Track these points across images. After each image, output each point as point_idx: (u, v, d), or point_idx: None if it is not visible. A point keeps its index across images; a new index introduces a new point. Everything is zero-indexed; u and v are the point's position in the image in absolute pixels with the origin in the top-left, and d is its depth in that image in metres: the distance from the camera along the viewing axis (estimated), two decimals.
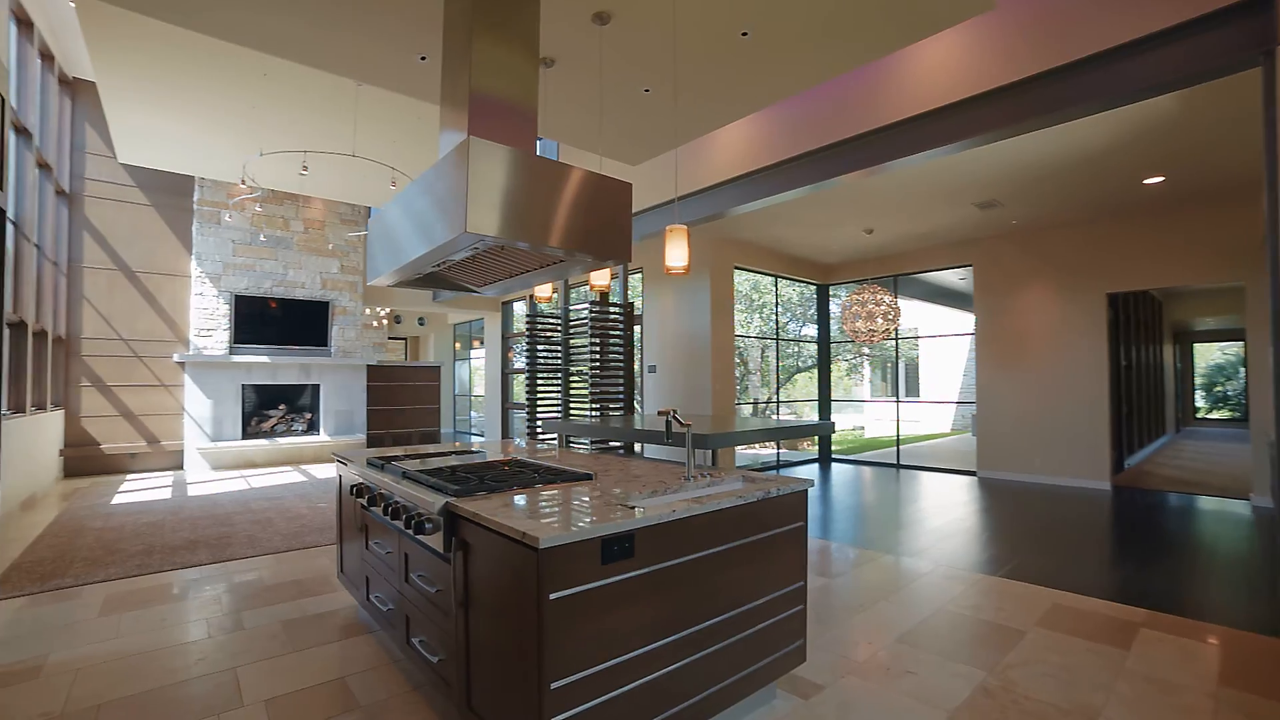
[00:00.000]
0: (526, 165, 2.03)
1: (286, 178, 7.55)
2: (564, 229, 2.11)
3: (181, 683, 2.39)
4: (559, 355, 6.92)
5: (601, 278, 3.42)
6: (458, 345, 15.64)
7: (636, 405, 8.74)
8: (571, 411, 6.63)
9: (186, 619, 3.02)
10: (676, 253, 2.92)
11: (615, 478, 2.31)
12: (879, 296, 6.76)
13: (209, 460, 8.07)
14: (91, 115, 7.73)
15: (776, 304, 9.03)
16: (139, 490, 6.51)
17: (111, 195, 7.92)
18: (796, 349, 11.53)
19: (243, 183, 6.82)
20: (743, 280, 9.43)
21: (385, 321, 12.66)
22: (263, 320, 8.81)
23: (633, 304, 6.45)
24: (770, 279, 8.84)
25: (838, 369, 11.99)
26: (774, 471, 7.95)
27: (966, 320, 10.25)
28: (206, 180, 8.36)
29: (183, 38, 4.62)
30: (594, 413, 6.27)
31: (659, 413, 2.12)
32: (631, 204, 2.28)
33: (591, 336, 6.28)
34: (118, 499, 6.01)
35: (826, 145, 4.44)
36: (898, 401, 9.14)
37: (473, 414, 15.00)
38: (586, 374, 6.35)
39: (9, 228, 5.23)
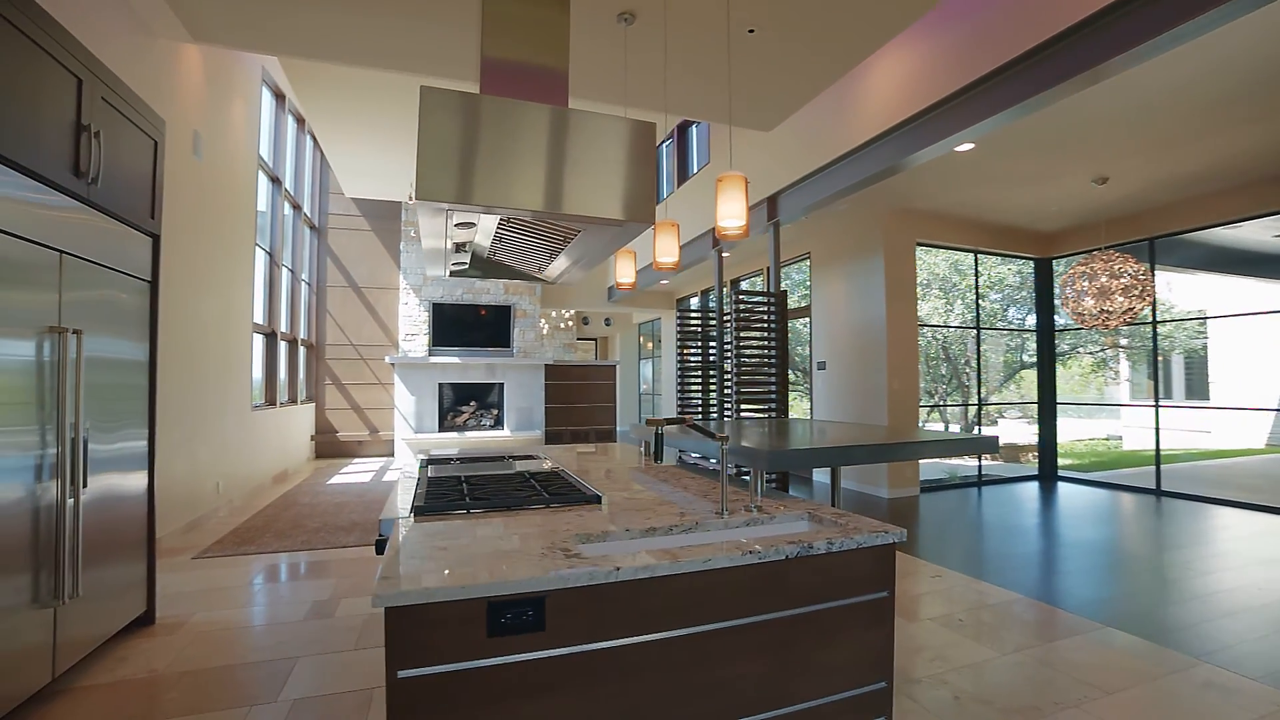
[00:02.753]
0: (490, 111, 1.64)
1: None
2: (545, 186, 1.67)
3: (250, 664, 2.49)
4: (714, 352, 6.46)
5: (667, 254, 2.89)
6: (650, 345, 15.97)
7: (800, 409, 7.85)
8: (724, 413, 6.11)
9: (302, 598, 3.24)
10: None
11: (638, 504, 1.81)
12: (1116, 266, 5.00)
13: (412, 449, 9.21)
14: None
15: (977, 285, 7.38)
16: (352, 474, 7.61)
17: (345, 225, 9.48)
18: (1020, 341, 9.38)
19: (410, 199, 7.58)
20: (940, 260, 7.91)
21: (572, 323, 13.39)
22: (456, 324, 9.81)
23: (784, 292, 5.70)
24: (969, 255, 7.25)
25: (1077, 364, 9.52)
26: (974, 490, 6.45)
27: None
28: (410, 203, 9.57)
29: (368, 79, 5.17)
30: (732, 415, 5.67)
31: (647, 422, 1.57)
32: (653, 149, 1.75)
33: (737, 330, 5.68)
34: (334, 480, 7.08)
35: (1017, 57, 3.29)
36: (1155, 406, 6.83)
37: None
38: (730, 372, 5.77)
39: (263, 256, 6.47)
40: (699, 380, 6.42)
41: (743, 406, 5.64)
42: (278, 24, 3.91)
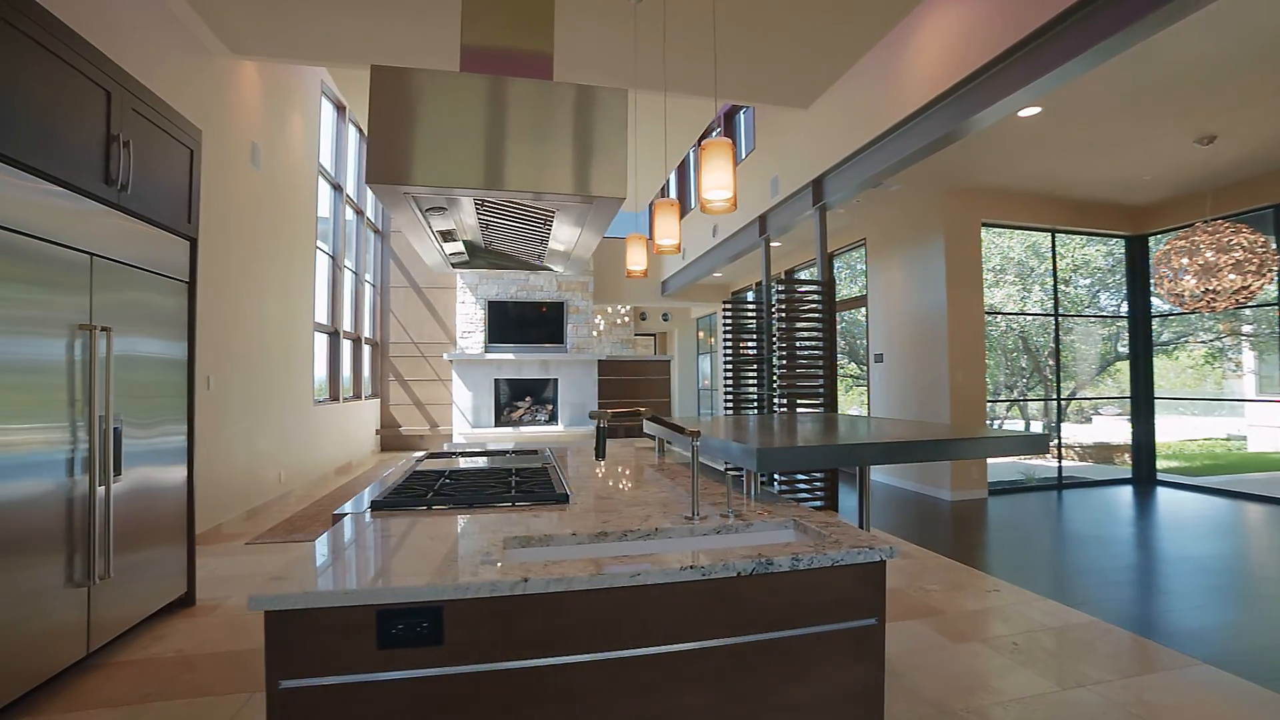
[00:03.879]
0: (429, 88, 1.56)
1: None
2: (485, 163, 1.58)
3: (259, 650, 2.57)
4: (764, 344, 6.21)
5: (667, 236, 2.68)
6: (709, 340, 15.74)
7: (861, 404, 7.43)
8: (773, 408, 5.86)
9: None
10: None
11: (609, 506, 1.69)
12: (1226, 238, 4.32)
13: (470, 444, 9.48)
14: None
15: (1055, 269, 6.69)
16: None
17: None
18: (1116, 330, 8.46)
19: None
20: (1015, 242, 7.25)
21: (628, 319, 13.37)
22: (510, 322, 9.99)
23: (832, 280, 5.38)
24: (1045, 235, 6.59)
25: (1187, 355, 8.51)
26: (1049, 494, 5.83)
27: None
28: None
29: None
30: (781, 408, 5.41)
31: (590, 415, 1.43)
32: (618, 117, 1.62)
33: (783, 322, 5.42)
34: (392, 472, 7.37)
35: None
36: None
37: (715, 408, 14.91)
38: (777, 366, 5.52)
39: (325, 259, 6.83)
40: (747, 374, 6.19)
41: (790, 401, 5.38)
42: (302, 32, 4.04)
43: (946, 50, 3.74)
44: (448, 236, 2.26)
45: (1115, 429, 7.91)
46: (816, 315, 5.38)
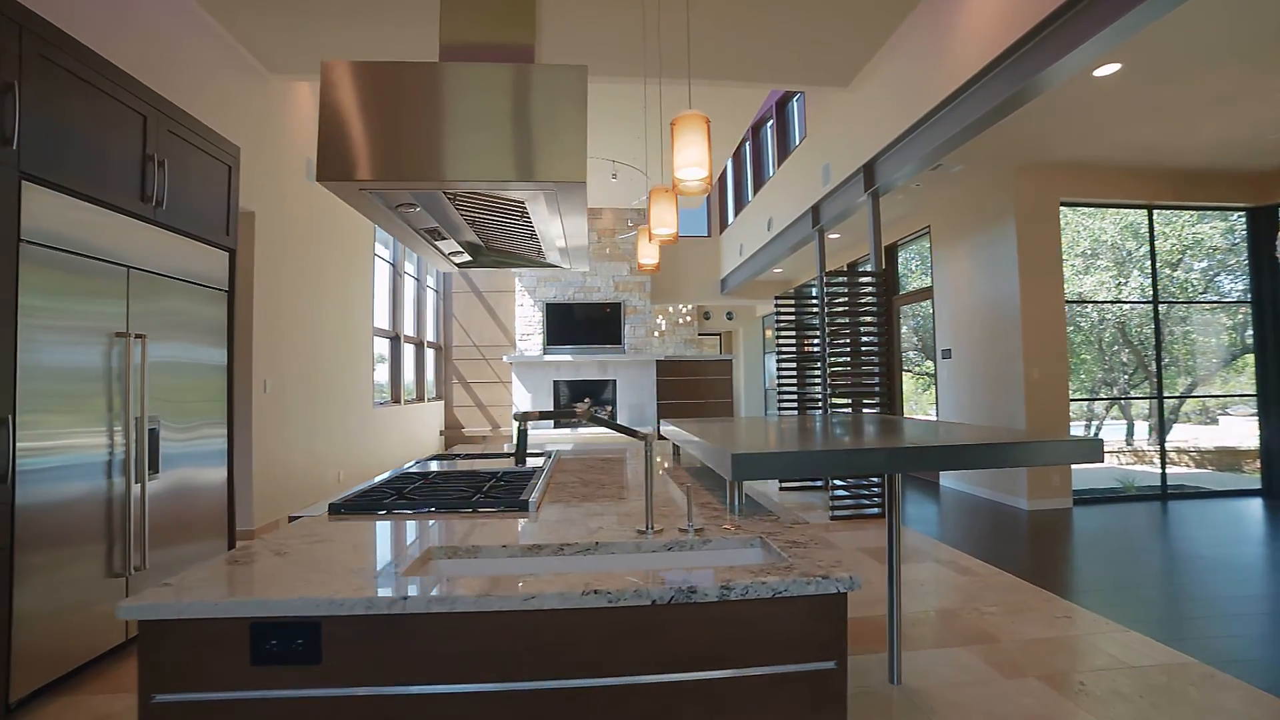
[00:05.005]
0: (371, 79, 1.51)
1: None
2: (426, 153, 1.50)
3: None
4: (815, 343, 5.89)
5: (663, 225, 2.49)
6: (776, 338, 15.29)
7: (931, 404, 6.91)
8: (829, 409, 5.54)
9: None
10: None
11: (569, 516, 1.58)
12: None
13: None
14: None
15: (1153, 250, 5.91)
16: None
17: None
18: (1242, 318, 7.39)
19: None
20: (1108, 223, 6.49)
21: (690, 318, 13.20)
22: (568, 323, 10.08)
23: (887, 270, 5.00)
24: (1142, 212, 5.83)
25: None
26: (1149, 505, 5.11)
27: None
28: None
29: None
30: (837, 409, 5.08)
31: (514, 416, 1.30)
32: (583, 95, 1.52)
33: (835, 317, 5.11)
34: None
35: None
36: None
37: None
38: (829, 364, 5.20)
39: (385, 267, 7.16)
40: (798, 374, 5.89)
41: (844, 401, 5.06)
42: (325, 48, 4.17)
43: (998, 7, 3.35)
44: (436, 235, 2.23)
45: (1242, 431, 6.92)
46: (872, 309, 5.02)
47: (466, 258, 2.63)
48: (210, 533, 3.05)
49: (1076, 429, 6.46)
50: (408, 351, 8.22)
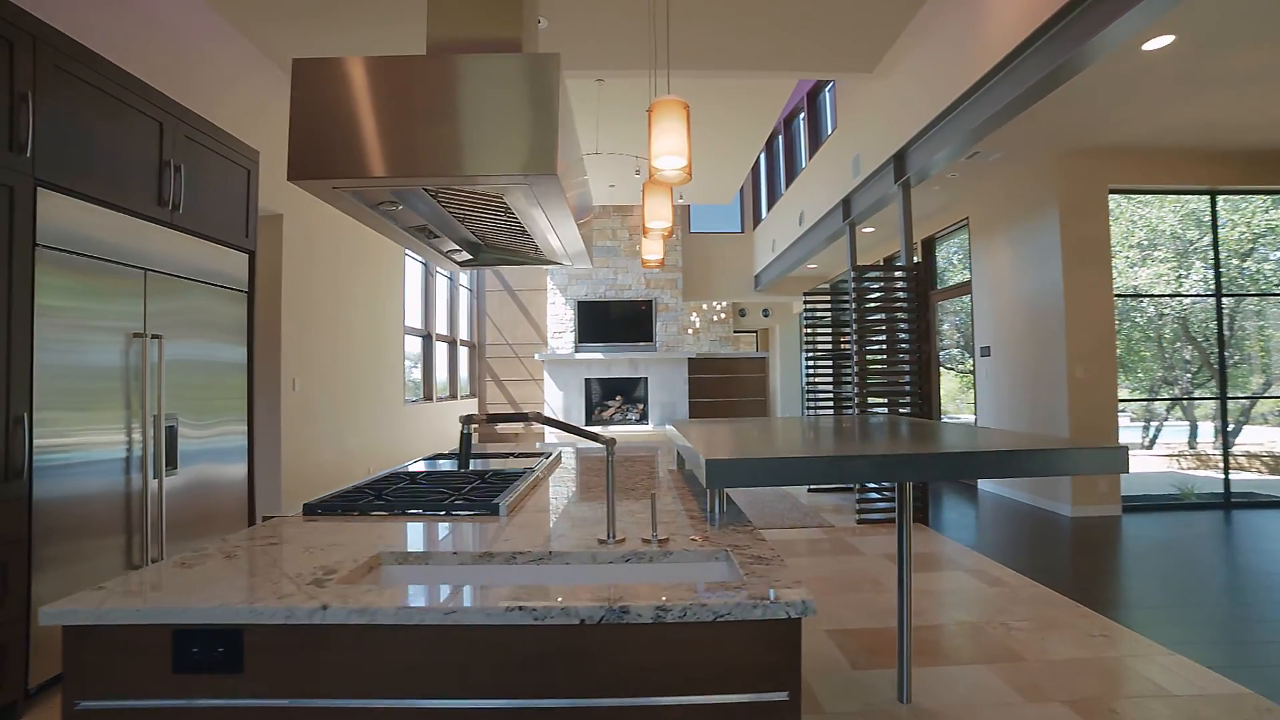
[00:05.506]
0: (332, 76, 1.48)
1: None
2: (389, 147, 1.47)
3: None
4: (846, 341, 5.70)
5: (658, 219, 2.38)
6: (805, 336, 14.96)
7: (967, 405, 6.60)
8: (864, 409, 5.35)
9: None
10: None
11: (536, 522, 1.54)
12: None
13: (560, 441, 9.68)
14: None
15: (1215, 238, 5.46)
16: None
17: None
18: None
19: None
20: (1167, 211, 6.04)
21: (725, 315, 13.03)
22: (599, 321, 10.08)
23: (919, 264, 4.78)
24: (1203, 198, 5.40)
25: None
26: (1216, 514, 4.71)
27: None
28: None
29: None
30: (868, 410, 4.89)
31: (460, 419, 1.23)
32: (552, 84, 1.47)
33: (865, 312, 4.92)
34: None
35: None
36: None
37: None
38: (855, 363, 5.01)
39: (417, 267, 7.31)
40: (829, 373, 5.71)
41: (882, 400, 4.87)
42: (344, 46, 4.22)
43: None
44: (429, 234, 2.21)
45: None
46: (905, 305, 4.80)
47: (467, 256, 2.61)
48: (230, 527, 3.14)
49: (1133, 431, 6.06)
50: (440, 349, 8.36)
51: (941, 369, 7.57)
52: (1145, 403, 6.33)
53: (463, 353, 9.51)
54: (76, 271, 2.33)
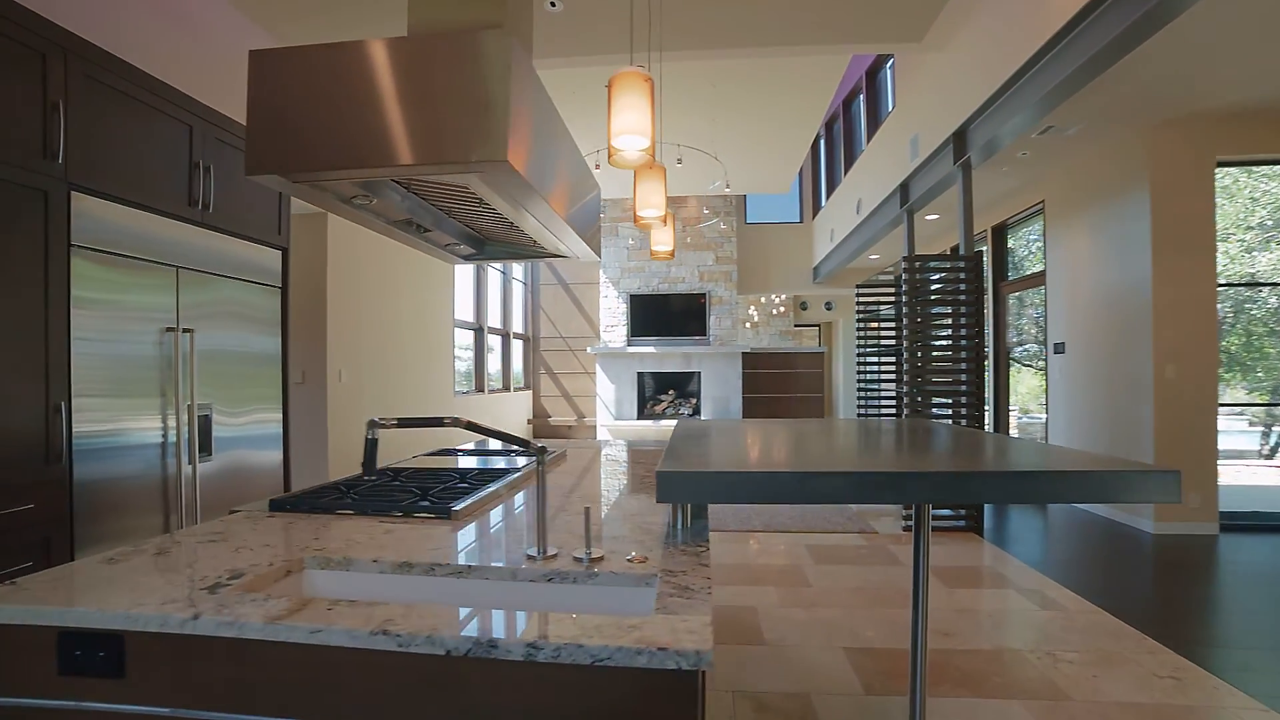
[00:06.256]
0: (283, 66, 1.45)
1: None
2: (362, 135, 1.42)
3: None
4: (904, 334, 5.35)
5: (650, 207, 2.21)
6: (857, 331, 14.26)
7: (1040, 408, 6.03)
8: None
9: None
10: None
11: (485, 528, 1.47)
12: None
13: (611, 435, 9.68)
14: None
15: None
16: None
17: None
18: None
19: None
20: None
21: (784, 309, 12.63)
22: (652, 314, 9.98)
23: (979, 254, 4.38)
24: None
25: None
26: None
27: None
28: (606, 200, 10.02)
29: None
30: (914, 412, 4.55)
31: (367, 424, 1.14)
32: (505, 67, 1.39)
33: (920, 306, 4.57)
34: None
35: None
36: None
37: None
38: (907, 360, 4.67)
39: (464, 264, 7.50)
40: (878, 372, 5.38)
41: (946, 401, 4.53)
42: (362, 37, 4.30)
43: None
44: (418, 229, 2.18)
45: None
46: (961, 298, 4.42)
47: (470, 250, 2.58)
48: None
49: (1249, 438, 5.33)
50: (492, 343, 8.53)
51: (1021, 367, 6.97)
52: (1266, 407, 5.56)
53: (517, 346, 9.68)
54: (111, 268, 2.47)
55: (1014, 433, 6.53)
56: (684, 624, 0.88)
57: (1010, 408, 6.61)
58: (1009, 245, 6.36)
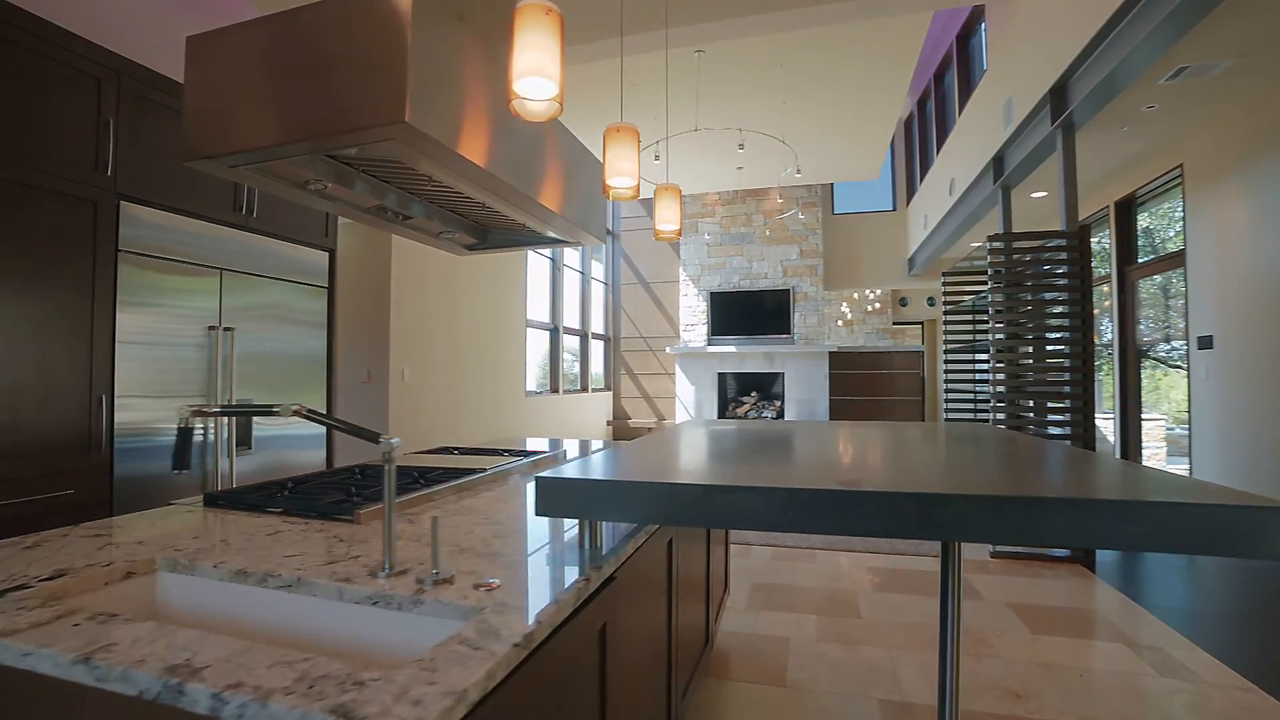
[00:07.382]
0: (234, 42, 1.40)
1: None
2: (258, 119, 1.35)
3: None
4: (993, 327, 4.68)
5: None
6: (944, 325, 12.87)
7: (1146, 412, 5.03)
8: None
9: None
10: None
11: (420, 528, 1.34)
12: None
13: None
14: None
15: None
16: None
17: (635, 226, 10.33)
18: None
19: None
20: None
21: (879, 305, 11.75)
22: (733, 312, 9.61)
23: (1085, 229, 3.68)
24: None
25: None
26: None
27: None
28: (687, 196, 9.79)
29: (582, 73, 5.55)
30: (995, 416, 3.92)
31: (189, 413, 1.00)
32: (400, 24, 1.28)
33: (1009, 293, 3.96)
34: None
35: None
36: None
37: None
38: (993, 358, 4.04)
39: (539, 261, 7.59)
40: (979, 370, 4.75)
41: (1061, 405, 3.90)
42: None
43: None
44: (399, 217, 2.12)
45: None
46: (1062, 284, 3.76)
47: (472, 240, 2.50)
48: None
49: None
50: (569, 343, 8.60)
51: (1168, 369, 5.87)
52: None
53: (596, 347, 9.71)
54: (156, 271, 2.66)
55: (1158, 447, 5.50)
56: (429, 689, 0.68)
57: (1154, 417, 5.58)
58: (1140, 223, 5.37)
